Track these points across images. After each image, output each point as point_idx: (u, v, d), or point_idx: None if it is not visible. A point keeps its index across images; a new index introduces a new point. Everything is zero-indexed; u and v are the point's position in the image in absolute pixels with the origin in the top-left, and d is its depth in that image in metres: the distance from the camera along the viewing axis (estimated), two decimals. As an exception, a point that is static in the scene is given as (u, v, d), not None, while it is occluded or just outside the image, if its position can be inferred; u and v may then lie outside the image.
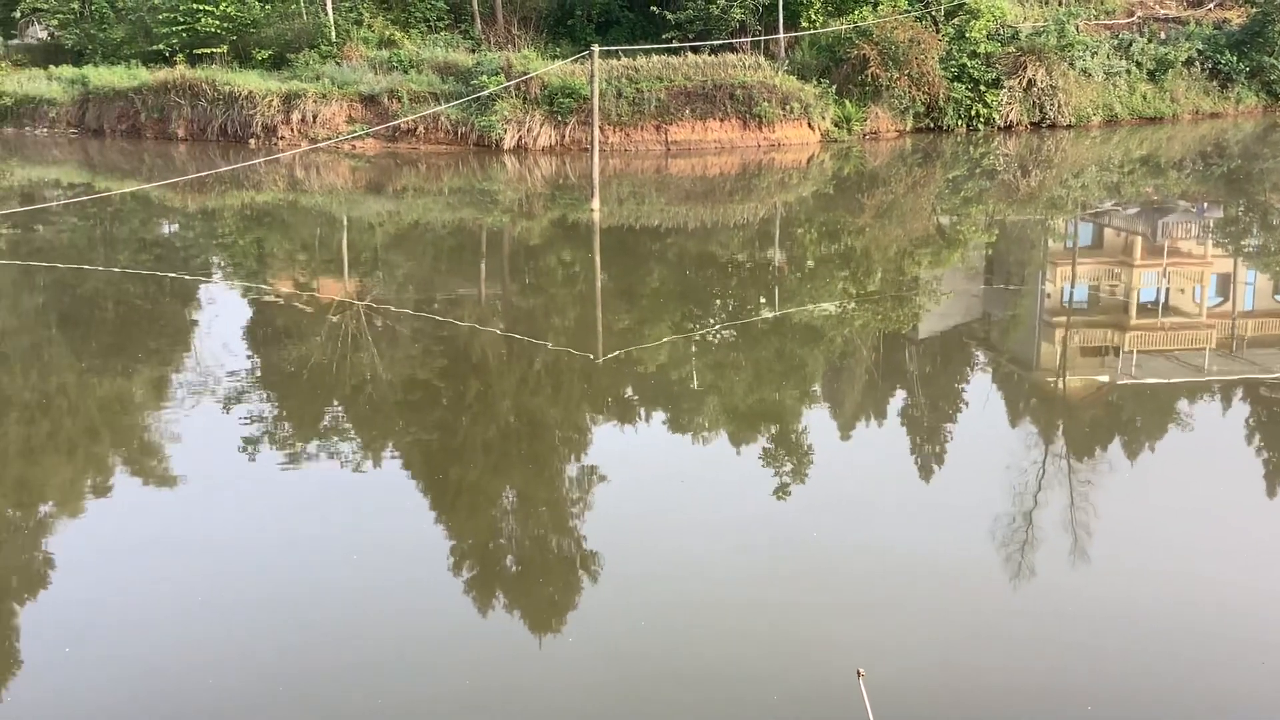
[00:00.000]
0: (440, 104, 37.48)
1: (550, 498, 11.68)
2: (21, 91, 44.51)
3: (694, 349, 16.73)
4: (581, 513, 11.32)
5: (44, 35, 53.39)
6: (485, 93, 36.32)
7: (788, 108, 38.89)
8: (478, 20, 45.28)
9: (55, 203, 29.32)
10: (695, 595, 9.41)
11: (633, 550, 10.36)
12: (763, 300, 19.91)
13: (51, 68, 46.56)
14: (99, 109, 42.88)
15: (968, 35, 41.52)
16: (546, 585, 9.82)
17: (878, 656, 8.34)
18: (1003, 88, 41.66)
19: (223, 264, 23.78)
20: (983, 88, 41.54)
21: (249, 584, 9.62)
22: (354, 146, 38.19)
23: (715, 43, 40.57)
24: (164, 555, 10.20)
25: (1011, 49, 41.95)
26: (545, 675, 8.36)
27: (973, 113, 41.53)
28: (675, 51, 40.02)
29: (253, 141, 39.19)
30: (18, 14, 50.25)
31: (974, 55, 41.44)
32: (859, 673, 7.25)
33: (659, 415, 14.16)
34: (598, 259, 23.45)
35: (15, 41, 52.60)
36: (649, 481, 12.07)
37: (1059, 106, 42.20)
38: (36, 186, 33.00)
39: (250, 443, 12.91)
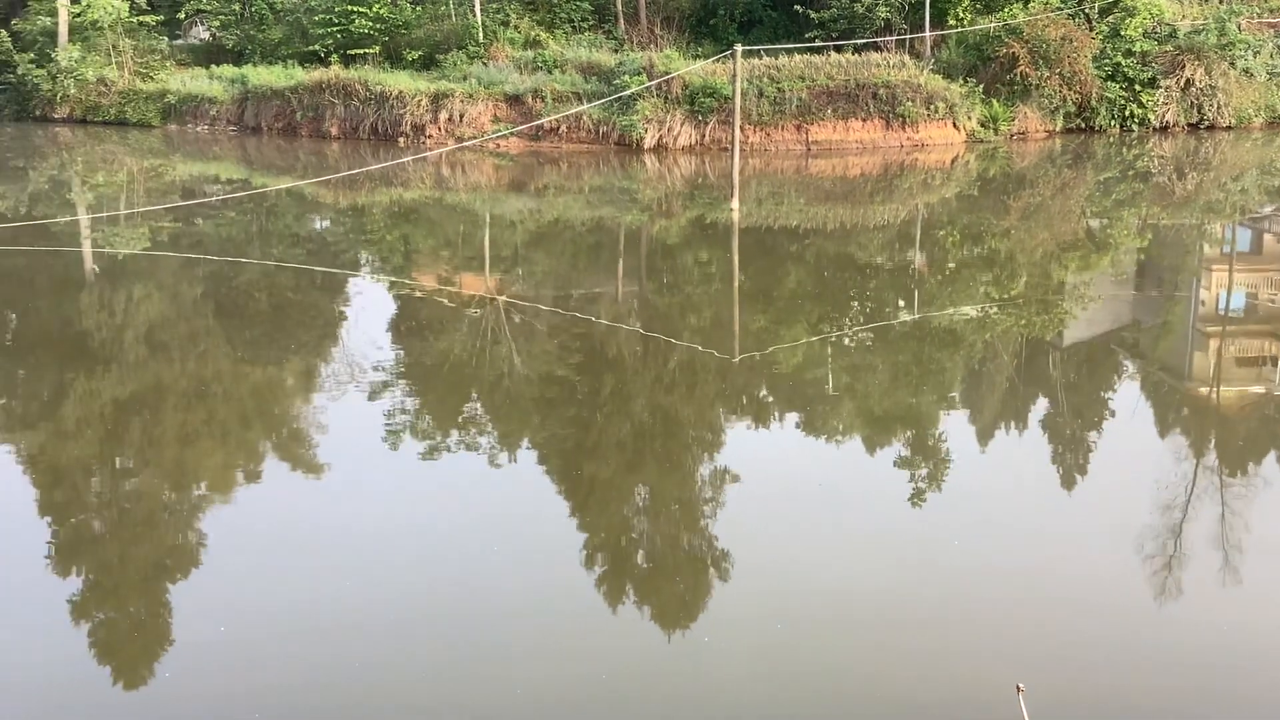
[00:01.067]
0: (583, 103, 37.88)
1: (683, 497, 11.73)
2: (185, 90, 46.46)
3: (830, 351, 16.59)
4: (714, 512, 11.34)
5: (206, 36, 55.61)
6: (627, 92, 36.59)
7: (932, 107, 38.26)
8: (621, 20, 45.66)
9: (214, 197, 30.56)
10: (834, 602, 9.32)
11: (766, 553, 10.32)
12: (901, 303, 19.63)
13: (213, 67, 48.52)
14: (257, 107, 44.51)
15: (1123, 33, 40.26)
16: (679, 584, 9.86)
17: (1032, 671, 8.11)
18: (1159, 87, 40.28)
19: (370, 259, 24.47)
20: (1138, 87, 40.24)
21: (392, 572, 9.88)
22: (498, 145, 38.87)
23: (859, 41, 40.12)
24: (311, 540, 10.55)
25: (1169, 48, 40.54)
26: (679, 674, 8.39)
27: (1127, 113, 40.26)
28: (818, 51, 39.73)
29: (402, 140, 40.21)
30: (182, 15, 52.44)
31: (1129, 54, 40.16)
32: (1018, 688, 7.06)
33: (794, 417, 14.08)
34: (735, 259, 23.43)
35: (179, 41, 54.89)
36: (783, 484, 12.01)
37: (1218, 107, 40.62)
38: (197, 181, 34.43)
39: (393, 433, 13.26)
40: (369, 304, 20.05)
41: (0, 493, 11.72)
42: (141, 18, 48.78)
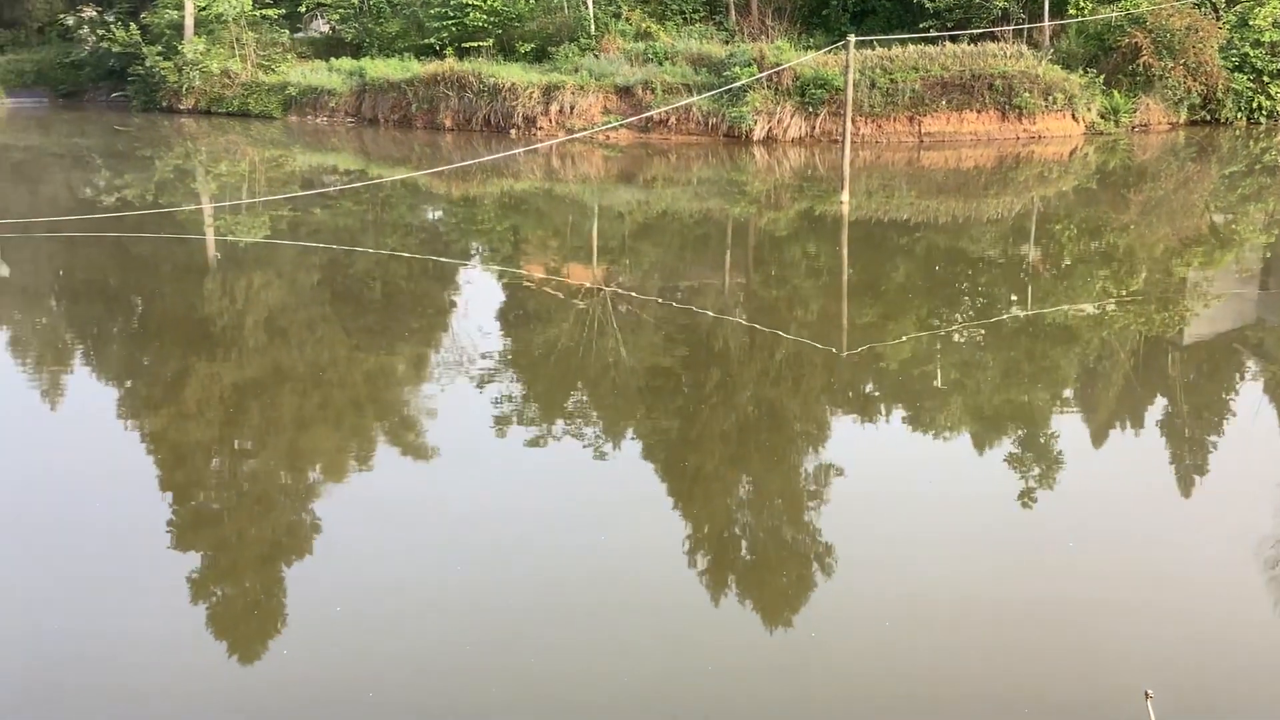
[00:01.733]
0: (692, 95, 37.84)
1: (787, 490, 11.69)
2: (305, 82, 47.55)
3: (939, 347, 16.37)
4: (818, 507, 11.28)
5: (326, 29, 56.84)
6: (737, 84, 36.45)
7: (1050, 98, 37.42)
8: (732, 11, 45.52)
9: (332, 188, 31.27)
10: (944, 601, 9.20)
11: (872, 550, 10.24)
12: (1014, 299, 19.26)
13: (332, 60, 49.54)
14: (374, 99, 45.36)
15: (1251, 23, 38.88)
16: (784, 579, 9.83)
17: (1157, 677, 7.93)
18: (1290, 78, 38.83)
19: (480, 249, 24.81)
20: (1266, 79, 38.84)
21: (500, 557, 10.03)
22: (608, 137, 39.05)
23: (975, 31, 39.41)
24: (421, 524, 10.77)
25: (1302, 36, 39.05)
26: (786, 668, 8.38)
27: (1254, 105, 38.88)
28: (933, 41, 39.11)
29: (513, 132, 40.63)
30: (303, 9, 53.65)
31: (1257, 44, 38.78)
32: (1147, 694, 6.88)
33: (902, 413, 13.93)
34: (845, 252, 23.22)
35: (300, 35, 56.19)
36: (890, 480, 11.91)
37: (1354, 98, 39.02)
38: (316, 172, 35.25)
39: (500, 421, 13.45)
40: (478, 293, 20.35)
41: (125, 472, 12.17)
42: (264, 11, 50.04)
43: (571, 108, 40.09)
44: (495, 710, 7.82)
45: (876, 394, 14.70)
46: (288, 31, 52.79)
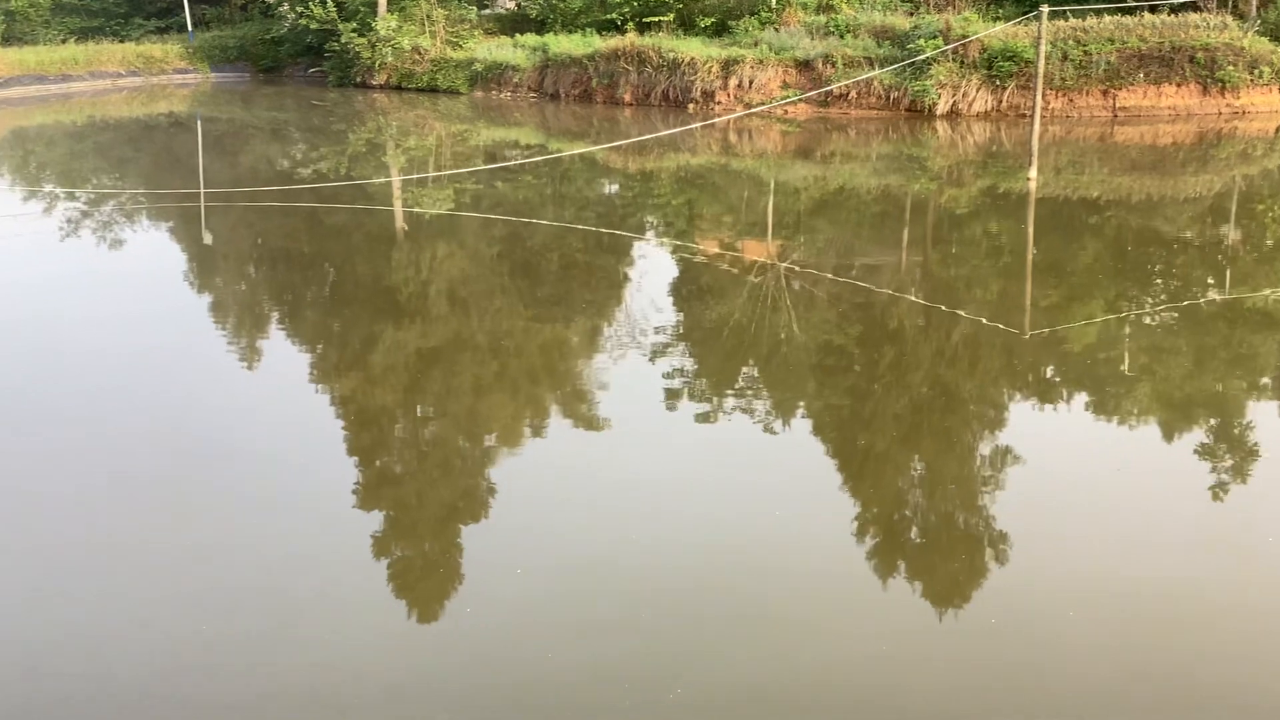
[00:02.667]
0: (874, 69, 37.17)
1: (960, 474, 11.45)
2: (491, 58, 48.51)
3: (1128, 330, 15.74)
4: (993, 492, 11.02)
5: (511, 6, 57.84)
6: (921, 57, 35.63)
7: (1256, 72, 35.43)
8: (918, -18, 44.44)
9: (514, 161, 31.90)
10: (1134, 593, 8.87)
11: (1054, 537, 9.94)
12: (1210, 281, 18.37)
13: (516, 36, 50.42)
14: (556, 75, 45.98)
15: None
16: (957, 561, 9.65)
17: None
18: None
19: (655, 223, 24.95)
20: None
21: (673, 529, 10.12)
22: (785, 111, 38.70)
23: (1176, 1, 37.56)
24: (595, 492, 10.96)
25: None
26: (966, 653, 8.23)
27: None
28: (1130, 11, 37.45)
29: (691, 106, 40.64)
30: (491, -15, 54.77)
31: None
32: None
33: (1087, 398, 13.46)
34: (1030, 231, 22.51)
35: (487, 11, 57.33)
36: (1073, 465, 11.54)
37: None
38: (498, 146, 36.01)
39: (672, 395, 13.54)
40: (652, 267, 20.47)
41: (316, 434, 12.72)
42: (453, -12, 51.22)
43: (750, 82, 39.86)
44: (670, 676, 7.91)
45: (1059, 378, 14.25)
46: (475, 8, 53.90)
